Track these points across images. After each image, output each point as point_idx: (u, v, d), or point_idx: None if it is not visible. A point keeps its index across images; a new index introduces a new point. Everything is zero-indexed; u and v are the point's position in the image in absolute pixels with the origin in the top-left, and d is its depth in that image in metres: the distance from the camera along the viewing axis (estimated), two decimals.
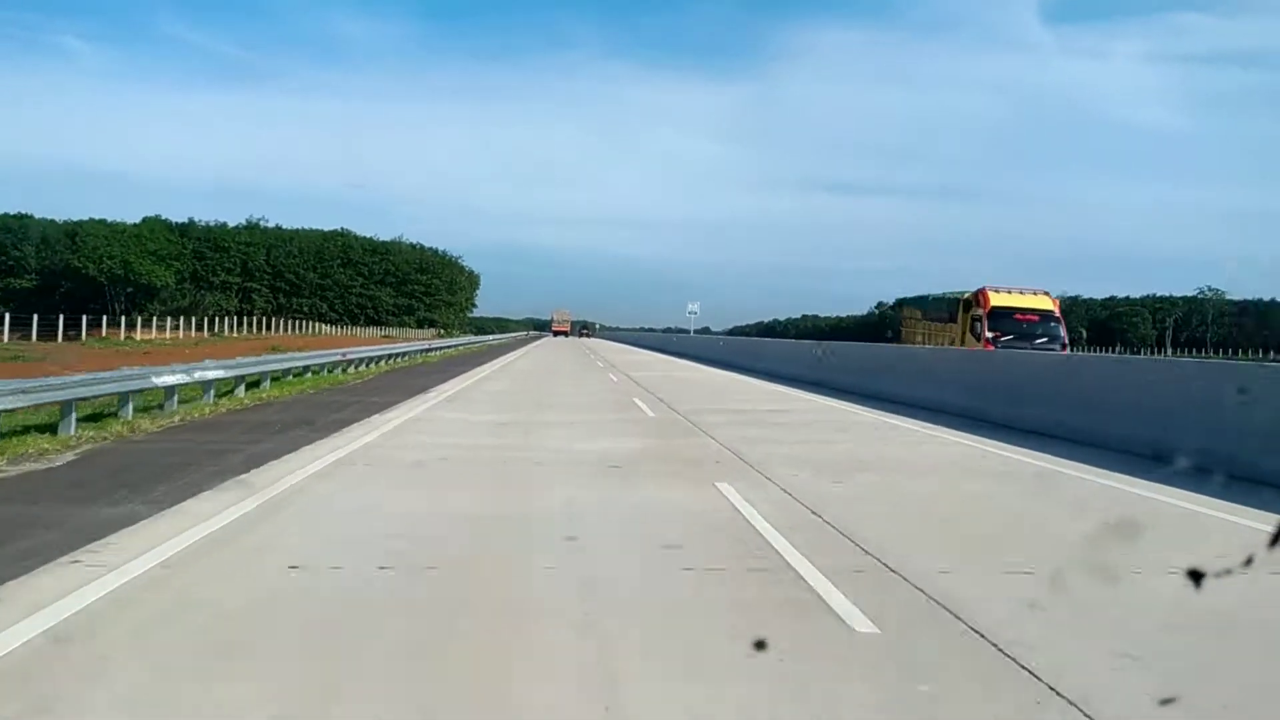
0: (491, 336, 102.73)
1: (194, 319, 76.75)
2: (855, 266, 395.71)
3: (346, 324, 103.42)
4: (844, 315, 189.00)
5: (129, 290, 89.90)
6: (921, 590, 5.12)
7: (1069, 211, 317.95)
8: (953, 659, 4.10)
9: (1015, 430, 13.47)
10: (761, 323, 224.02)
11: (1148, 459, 10.20)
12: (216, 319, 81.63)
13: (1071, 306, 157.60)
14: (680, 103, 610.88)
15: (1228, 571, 1.39)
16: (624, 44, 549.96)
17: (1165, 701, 3.53)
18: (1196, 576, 1.39)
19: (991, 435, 13.00)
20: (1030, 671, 3.90)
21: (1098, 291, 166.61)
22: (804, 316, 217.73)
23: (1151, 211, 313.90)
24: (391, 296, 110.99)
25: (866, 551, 6.02)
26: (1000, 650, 4.16)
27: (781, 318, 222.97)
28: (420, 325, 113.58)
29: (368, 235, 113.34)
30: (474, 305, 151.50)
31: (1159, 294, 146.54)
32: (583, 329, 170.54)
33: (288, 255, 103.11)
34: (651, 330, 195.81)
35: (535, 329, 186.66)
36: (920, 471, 9.83)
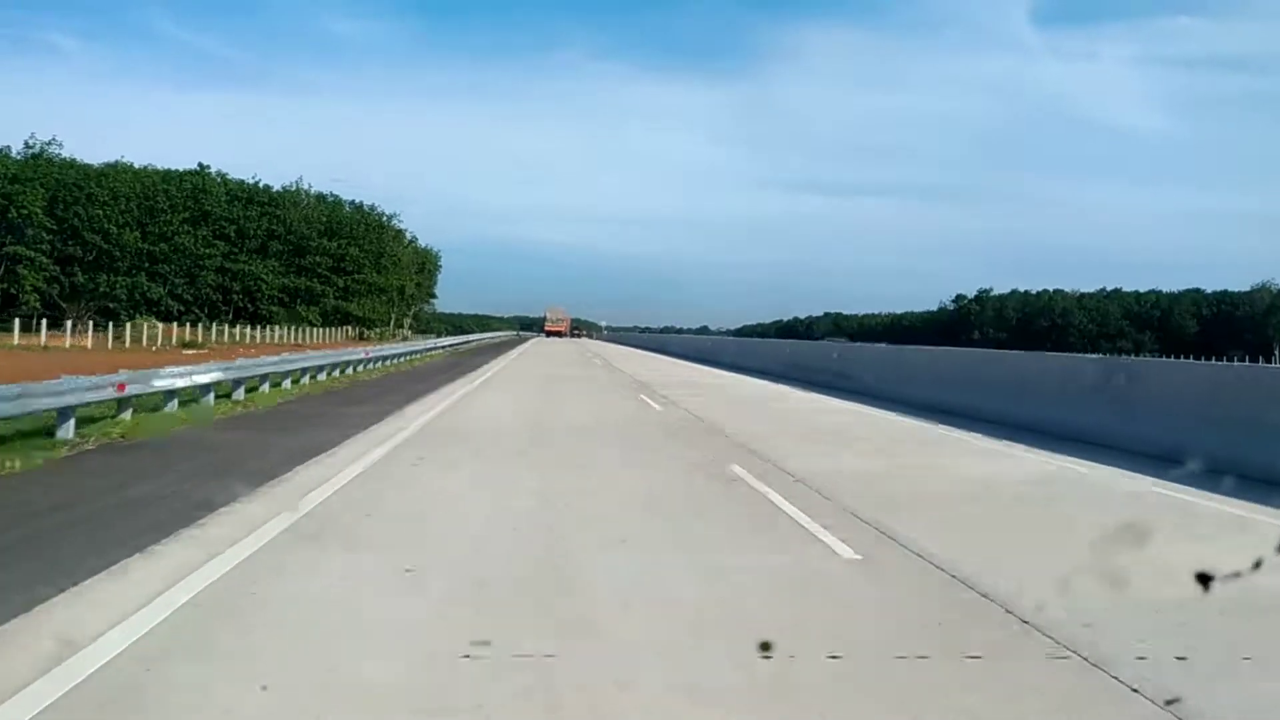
0: (456, 339, 61.39)
1: None
2: (862, 264, 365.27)
3: (202, 319, 61.28)
4: (902, 312, 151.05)
5: None
6: None
7: (1066, 212, 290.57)
8: None
9: None
10: (780, 321, 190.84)
11: None
12: None
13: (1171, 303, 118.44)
14: (673, 102, 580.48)
15: None
16: (616, 44, 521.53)
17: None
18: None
19: None
20: None
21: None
22: (826, 314, 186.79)
23: (1141, 213, 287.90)
24: (278, 274, 68.71)
25: None
26: None
27: (802, 315, 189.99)
28: (330, 322, 71.61)
29: (242, 178, 70.87)
30: (433, 295, 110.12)
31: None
32: (576, 329, 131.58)
33: (89, 203, 60.45)
34: (648, 330, 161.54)
35: (524, 328, 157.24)
36: None
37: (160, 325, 56.97)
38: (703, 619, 4.13)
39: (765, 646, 3.57)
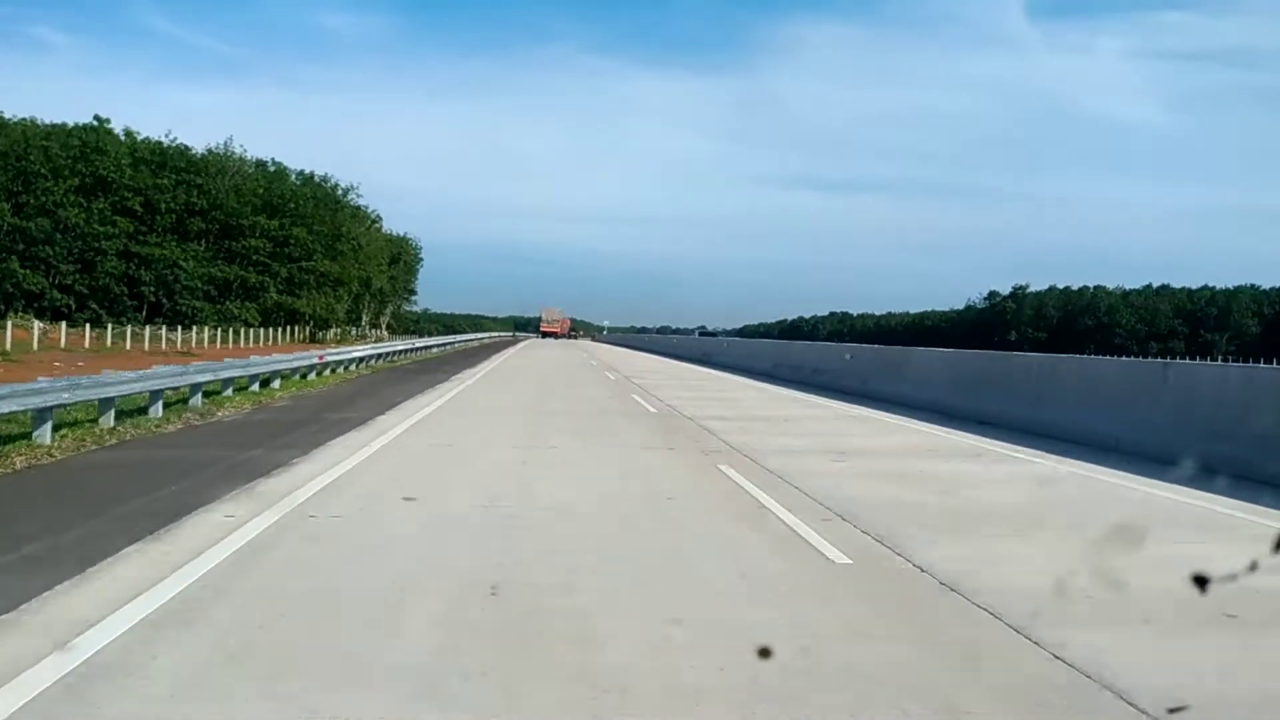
0: (410, 342, 46.80)
1: None
2: (865, 263, 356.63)
3: (105, 317, 46.20)
4: (918, 311, 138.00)
5: None
6: None
7: (1063, 210, 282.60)
8: None
9: None
10: (784, 321, 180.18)
11: None
12: None
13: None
14: (668, 98, 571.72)
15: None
16: (609, 39, 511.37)
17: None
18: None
19: None
20: None
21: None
22: (832, 313, 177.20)
23: (1136, 208, 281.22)
24: (201, 261, 53.54)
25: None
26: None
27: (807, 315, 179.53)
28: (272, 321, 56.57)
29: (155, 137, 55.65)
30: (412, 291, 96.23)
31: None
32: (574, 330, 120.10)
33: None
34: (645, 330, 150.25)
35: (519, 329, 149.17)
36: None
37: (39, 325, 41.94)
38: None
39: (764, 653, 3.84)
